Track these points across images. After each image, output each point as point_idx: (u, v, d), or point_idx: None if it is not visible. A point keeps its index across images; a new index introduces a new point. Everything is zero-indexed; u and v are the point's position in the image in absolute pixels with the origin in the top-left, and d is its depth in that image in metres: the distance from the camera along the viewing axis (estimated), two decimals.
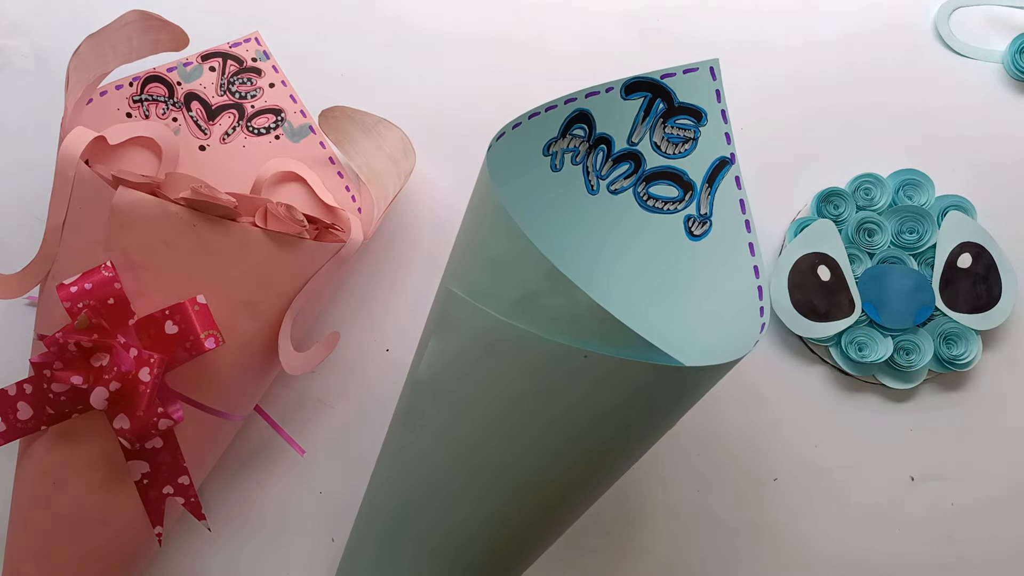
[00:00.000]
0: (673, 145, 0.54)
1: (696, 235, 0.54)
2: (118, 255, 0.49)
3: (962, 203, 0.61)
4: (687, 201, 0.54)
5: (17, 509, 0.52)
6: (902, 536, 0.60)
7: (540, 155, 0.53)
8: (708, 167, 0.53)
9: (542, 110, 0.50)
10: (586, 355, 0.41)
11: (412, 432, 0.49)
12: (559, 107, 0.51)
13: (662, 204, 0.55)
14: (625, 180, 0.55)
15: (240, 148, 0.60)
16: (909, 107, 0.64)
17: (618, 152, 0.54)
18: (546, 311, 0.42)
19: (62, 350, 0.47)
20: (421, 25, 0.64)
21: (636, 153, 0.55)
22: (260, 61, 0.62)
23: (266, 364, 0.53)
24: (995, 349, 0.61)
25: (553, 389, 0.43)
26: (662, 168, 0.54)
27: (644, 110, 0.53)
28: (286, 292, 0.52)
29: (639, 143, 0.54)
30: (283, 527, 0.59)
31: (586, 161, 0.54)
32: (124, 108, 0.60)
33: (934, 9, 0.65)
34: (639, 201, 0.55)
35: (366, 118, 0.58)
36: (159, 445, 0.50)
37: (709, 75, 0.53)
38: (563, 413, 0.44)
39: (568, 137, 0.53)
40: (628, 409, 0.44)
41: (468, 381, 0.45)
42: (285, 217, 0.52)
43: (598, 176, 0.55)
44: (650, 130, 0.54)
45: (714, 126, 0.53)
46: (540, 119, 0.51)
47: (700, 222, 0.54)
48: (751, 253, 0.51)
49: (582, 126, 0.53)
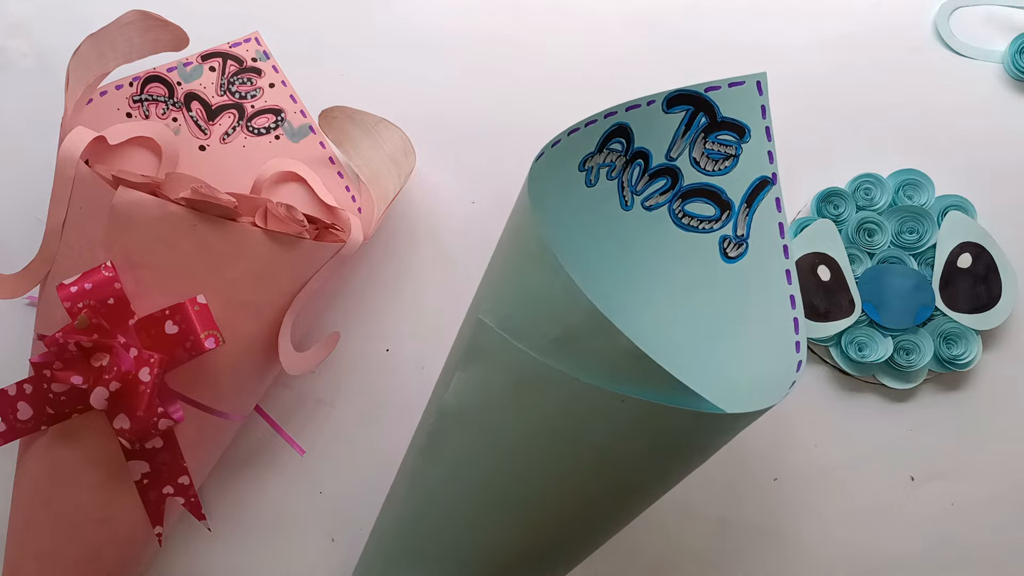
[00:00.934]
0: (713, 162, 0.52)
1: (731, 257, 0.52)
2: (118, 255, 0.49)
3: (962, 203, 0.61)
4: (724, 221, 0.52)
5: (17, 509, 0.52)
6: (902, 536, 0.60)
7: (575, 171, 0.51)
8: (748, 186, 0.51)
9: (582, 126, 0.48)
10: (623, 399, 0.40)
11: (435, 458, 0.48)
12: (599, 121, 0.49)
13: (698, 223, 0.53)
14: (661, 196, 0.53)
15: (240, 148, 0.60)
16: (909, 107, 0.64)
17: (655, 167, 0.52)
18: (583, 351, 0.41)
19: (62, 350, 0.47)
20: (421, 25, 0.64)
21: (674, 168, 0.53)
22: (260, 61, 0.62)
23: (266, 364, 0.53)
24: (995, 349, 0.61)
25: (585, 429, 0.42)
26: (700, 185, 0.52)
27: (685, 124, 0.51)
28: (286, 292, 0.52)
29: (678, 158, 0.52)
30: (283, 527, 0.59)
31: (622, 176, 0.52)
32: (124, 108, 0.60)
33: (934, 9, 0.65)
34: (674, 218, 0.53)
35: (366, 118, 0.58)
36: (159, 445, 0.50)
37: (755, 89, 0.51)
38: (593, 453, 0.43)
39: (605, 152, 0.51)
40: (659, 452, 0.43)
41: (497, 414, 0.44)
42: (285, 217, 0.52)
43: (633, 191, 0.53)
44: (690, 145, 0.52)
45: (757, 143, 0.51)
46: (579, 135, 0.49)
47: (736, 244, 0.52)
48: (787, 281, 0.49)
49: (620, 140, 0.51)
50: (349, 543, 0.58)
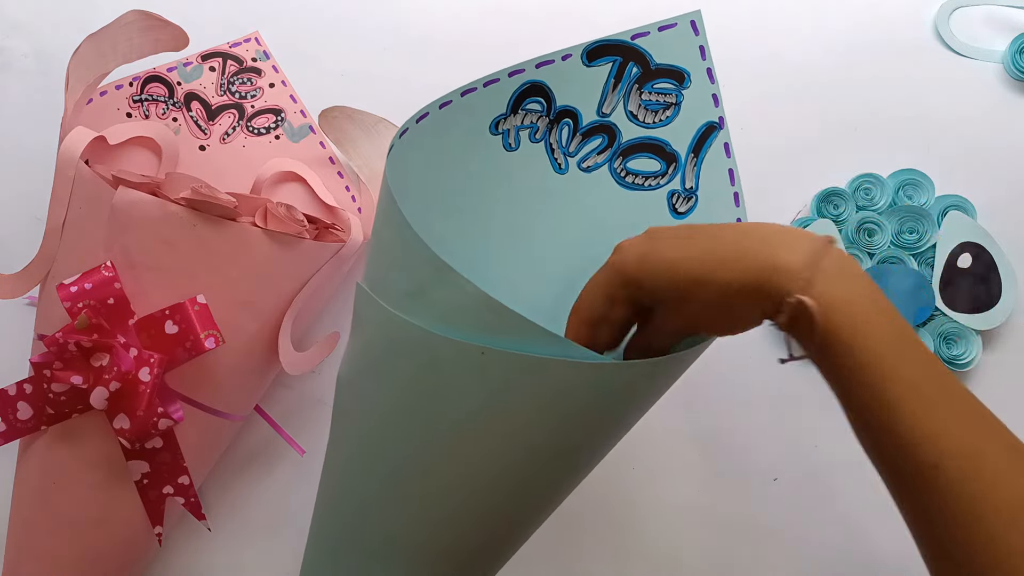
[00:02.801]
0: (652, 113, 0.48)
1: (681, 212, 0.48)
2: (118, 255, 0.49)
3: (962, 203, 0.61)
4: (670, 175, 0.48)
5: (17, 509, 0.52)
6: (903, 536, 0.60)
7: (487, 133, 0.47)
8: (694, 135, 0.47)
9: (479, 85, 0.45)
10: (483, 351, 0.37)
11: (338, 434, 0.46)
12: (502, 80, 0.46)
13: (643, 180, 0.49)
14: (599, 156, 0.49)
15: (240, 148, 0.60)
16: (909, 107, 0.64)
17: (587, 125, 0.49)
18: (438, 304, 0.38)
19: (62, 350, 0.47)
20: (421, 25, 0.64)
21: (609, 125, 0.48)
22: (260, 61, 0.62)
23: (266, 364, 0.53)
24: (995, 349, 0.61)
25: (455, 388, 0.39)
26: (641, 139, 0.49)
27: (614, 76, 0.48)
28: (286, 292, 0.52)
29: (611, 114, 0.48)
30: (283, 527, 0.59)
31: (548, 138, 0.49)
32: (124, 108, 0.60)
33: (934, 9, 0.65)
34: (616, 178, 0.49)
35: (366, 118, 0.58)
36: (159, 445, 0.50)
37: (690, 30, 0.47)
38: (470, 414, 0.39)
39: (521, 113, 0.47)
40: (549, 409, 0.39)
41: (376, 379, 0.42)
42: (285, 217, 0.52)
43: (565, 153, 0.49)
44: (624, 98, 0.48)
45: (699, 88, 0.47)
46: (479, 96, 0.45)
47: (685, 198, 0.48)
48: None
49: (538, 99, 0.47)
50: None
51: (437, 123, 0.44)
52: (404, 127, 0.43)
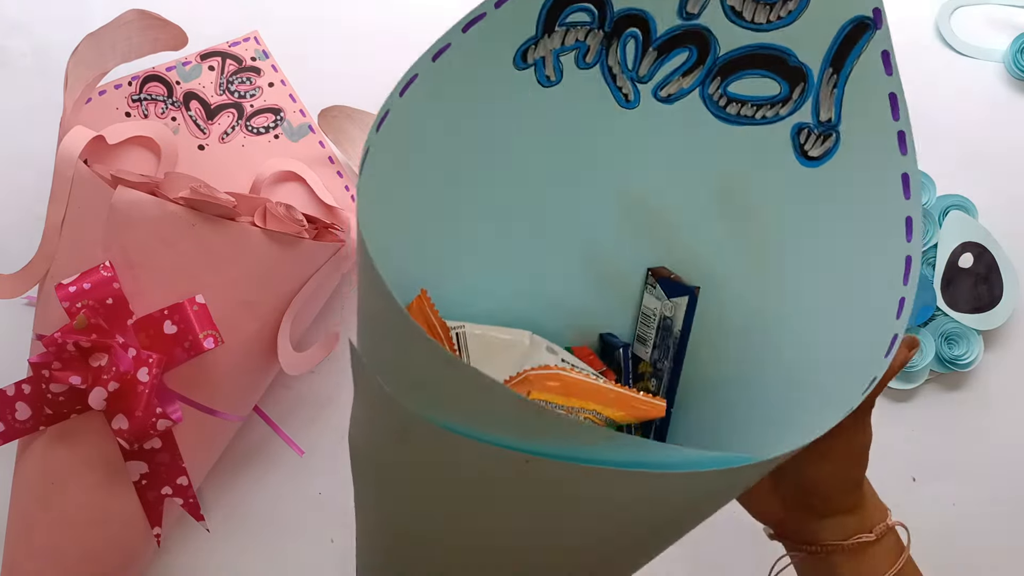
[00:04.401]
0: (766, 7, 0.32)
1: (813, 158, 0.33)
2: (117, 255, 0.49)
3: (963, 203, 0.61)
4: (797, 101, 0.33)
5: (16, 509, 0.51)
6: None
7: (512, 70, 0.33)
8: (832, 39, 0.32)
9: (489, 8, 0.31)
10: (528, 460, 0.26)
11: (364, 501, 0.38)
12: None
13: (753, 109, 0.34)
14: (684, 78, 0.35)
15: (239, 147, 0.60)
16: (910, 106, 0.64)
17: (664, 34, 0.33)
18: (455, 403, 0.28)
19: (61, 350, 0.47)
20: (421, 24, 0.64)
21: (699, 31, 0.33)
22: (259, 60, 0.62)
23: (265, 364, 0.53)
24: (996, 349, 0.61)
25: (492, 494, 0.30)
26: (749, 49, 0.33)
27: None
28: (285, 292, 0.52)
29: (700, 14, 0.33)
30: (282, 528, 0.58)
31: (606, 59, 0.34)
32: (123, 107, 0.59)
33: (935, 8, 0.65)
34: (712, 107, 0.35)
35: (365, 117, 0.58)
36: (158, 446, 0.50)
37: None
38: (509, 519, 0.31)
39: (561, 30, 0.33)
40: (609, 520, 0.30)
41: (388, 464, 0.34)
42: (284, 217, 0.52)
43: (633, 79, 0.35)
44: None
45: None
46: (488, 24, 0.31)
47: (821, 135, 0.33)
48: (905, 193, 0.30)
49: (585, 6, 0.32)
50: (348, 544, 0.58)
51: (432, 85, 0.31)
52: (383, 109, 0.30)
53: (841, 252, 0.32)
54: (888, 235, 0.30)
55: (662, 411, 0.34)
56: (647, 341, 0.41)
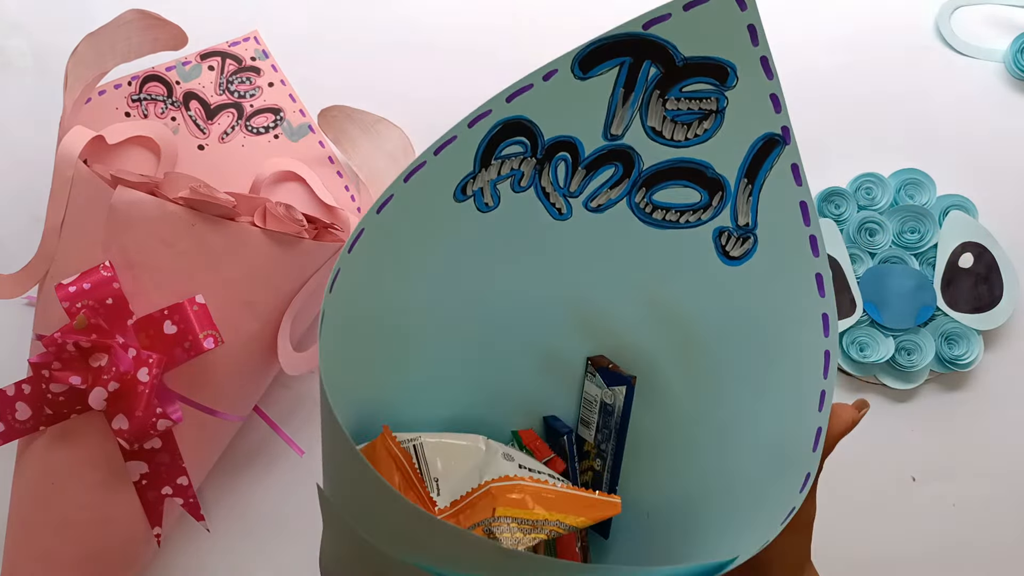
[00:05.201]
0: (684, 127, 0.35)
1: (734, 258, 0.36)
2: (117, 255, 0.49)
3: (963, 203, 0.61)
4: (716, 208, 0.36)
5: (16, 510, 0.51)
6: (903, 537, 0.60)
7: (452, 204, 0.36)
8: (746, 153, 0.35)
9: (429, 156, 0.34)
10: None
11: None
12: (460, 137, 0.34)
13: (677, 215, 0.37)
14: (612, 190, 0.37)
15: (239, 147, 0.60)
16: (910, 106, 0.64)
17: (591, 155, 0.36)
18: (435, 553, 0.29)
19: (60, 350, 0.47)
20: (421, 23, 0.64)
21: (623, 149, 0.36)
22: (259, 60, 0.62)
23: (265, 364, 0.53)
24: (996, 349, 0.61)
25: None
26: (670, 163, 0.36)
27: (624, 84, 0.34)
28: (285, 292, 0.52)
29: (624, 135, 0.36)
30: (282, 527, 0.58)
31: (539, 180, 0.37)
32: (123, 107, 0.59)
33: (935, 8, 0.65)
34: (639, 214, 0.37)
35: (365, 117, 0.58)
36: (158, 446, 0.50)
37: (733, 3, 0.32)
38: None
39: (496, 163, 0.36)
40: None
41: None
42: (284, 217, 0.52)
43: (564, 194, 0.37)
44: (640, 112, 0.35)
45: (751, 85, 0.34)
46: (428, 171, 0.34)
47: (740, 238, 0.36)
48: (820, 291, 0.32)
49: (519, 140, 0.35)
50: None
51: (377, 234, 0.34)
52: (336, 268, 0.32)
53: (763, 348, 0.35)
54: (807, 331, 0.32)
55: (618, 508, 0.37)
56: (590, 424, 0.44)
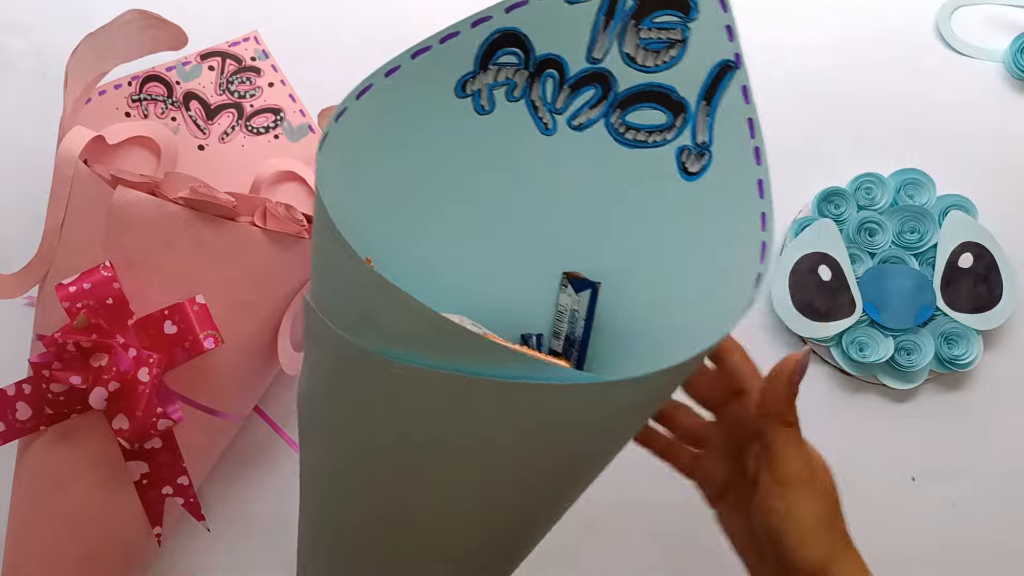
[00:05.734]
0: (653, 54, 0.40)
1: (691, 173, 0.41)
2: (117, 255, 0.49)
3: (963, 203, 0.61)
4: (679, 128, 0.41)
5: (16, 509, 0.51)
6: (903, 537, 0.60)
7: (452, 97, 0.40)
8: (705, 78, 0.40)
9: (435, 42, 0.38)
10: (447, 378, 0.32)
11: (304, 446, 0.43)
12: (463, 32, 0.38)
13: (645, 135, 0.42)
14: (592, 110, 0.42)
15: (239, 147, 0.60)
16: (910, 106, 0.64)
17: (576, 75, 0.41)
18: (392, 329, 0.33)
19: (61, 350, 0.47)
20: (421, 24, 0.64)
21: (602, 72, 0.41)
22: (259, 60, 0.62)
23: (265, 364, 0.53)
24: (996, 349, 0.61)
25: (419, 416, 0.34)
26: (641, 87, 0.41)
27: (605, 12, 0.40)
28: (285, 292, 0.52)
29: (604, 59, 0.41)
30: (282, 527, 0.58)
31: (529, 94, 0.41)
32: (123, 107, 0.59)
33: (935, 8, 0.65)
34: (614, 134, 0.43)
35: None
36: (158, 445, 0.50)
37: None
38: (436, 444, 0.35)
39: (493, 69, 0.40)
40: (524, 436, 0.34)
41: (334, 406, 0.38)
42: (284, 217, 0.52)
43: (551, 110, 0.42)
44: (618, 38, 0.40)
45: (709, 19, 0.39)
46: (434, 56, 0.38)
47: (697, 155, 0.41)
48: (759, 194, 0.38)
49: (513, 51, 0.40)
50: None
51: (384, 96, 0.38)
52: (341, 106, 0.36)
53: (714, 241, 0.41)
54: (748, 226, 0.38)
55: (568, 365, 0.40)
56: (560, 335, 0.48)
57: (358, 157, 0.39)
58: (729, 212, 0.39)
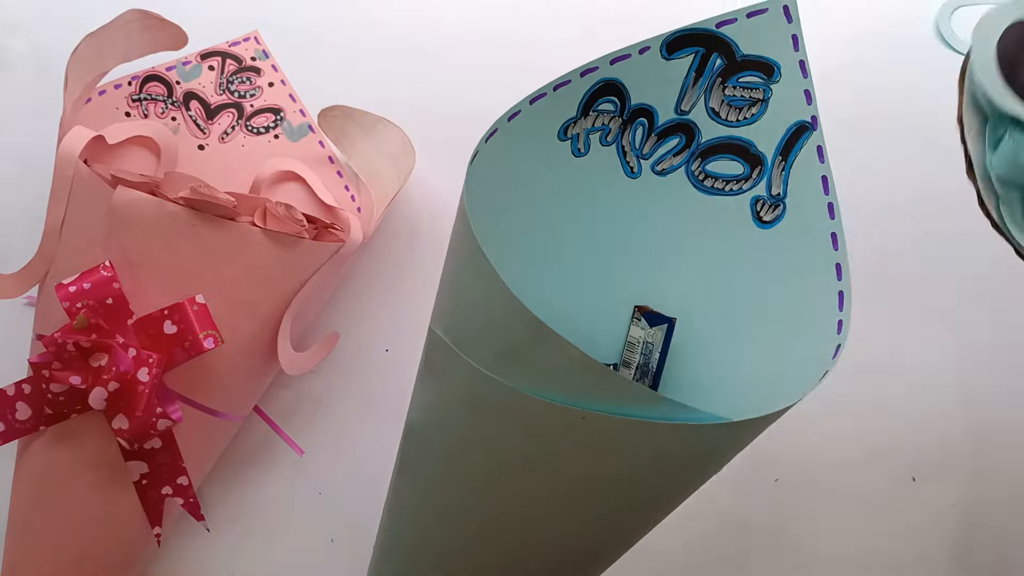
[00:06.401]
0: (736, 110, 0.44)
1: (766, 221, 0.44)
2: (117, 255, 0.49)
3: None
4: (755, 179, 0.44)
5: (15, 509, 0.51)
6: (903, 537, 0.60)
7: (555, 140, 0.44)
8: (782, 135, 0.43)
9: (549, 90, 0.42)
10: (584, 416, 0.34)
11: (408, 479, 0.45)
12: (574, 81, 0.42)
13: (723, 184, 0.45)
14: (675, 157, 0.45)
15: (239, 147, 0.60)
16: (910, 106, 0.64)
17: (663, 125, 0.45)
18: (535, 366, 0.35)
19: (60, 350, 0.47)
20: (421, 23, 0.64)
21: (688, 124, 0.45)
22: (259, 60, 0.62)
23: (265, 364, 0.53)
24: None
25: (550, 453, 0.37)
26: (723, 139, 0.44)
27: (695, 70, 0.43)
28: (285, 292, 0.52)
29: (691, 111, 0.44)
30: (282, 527, 0.58)
31: (620, 139, 0.45)
32: (123, 107, 0.59)
33: (935, 8, 0.65)
34: (693, 181, 0.46)
35: (365, 117, 0.58)
36: (158, 446, 0.50)
37: (783, 16, 0.43)
38: (566, 479, 0.37)
39: (593, 115, 0.44)
40: (647, 472, 0.38)
41: (456, 439, 0.40)
42: (284, 217, 0.52)
43: (638, 155, 0.46)
44: (705, 94, 0.44)
45: (790, 82, 0.43)
46: (548, 101, 0.42)
47: (771, 205, 0.44)
48: (834, 246, 0.41)
49: (611, 99, 0.44)
50: (349, 544, 0.58)
51: (506, 138, 0.41)
52: (476, 151, 0.40)
53: (787, 282, 0.43)
54: (824, 276, 0.41)
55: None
56: (631, 365, 0.50)
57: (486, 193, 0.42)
58: (804, 260, 0.42)
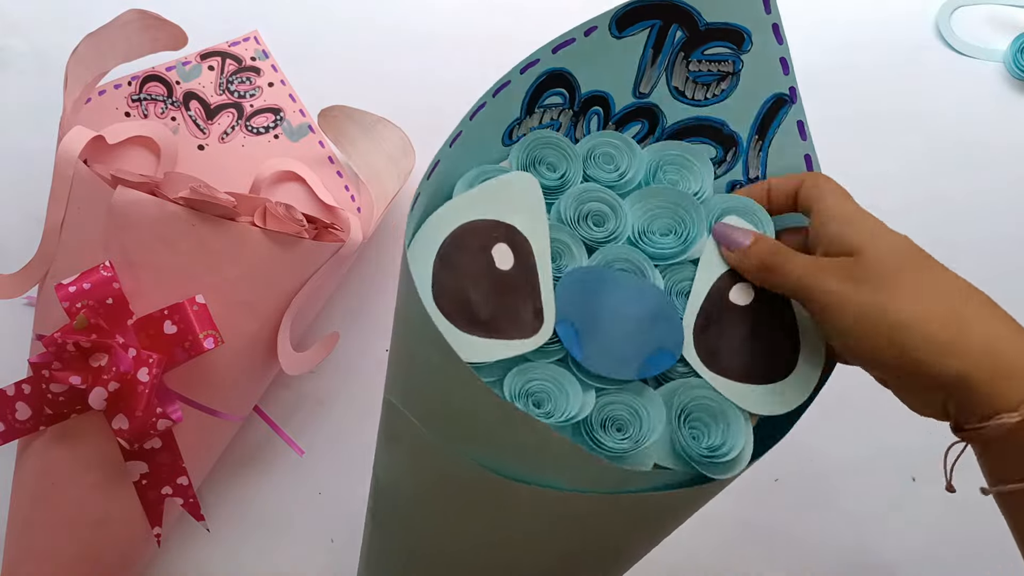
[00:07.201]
0: (703, 87, 0.39)
1: None
2: (117, 255, 0.49)
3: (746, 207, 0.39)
4: (730, 163, 0.39)
5: (16, 509, 0.51)
6: (903, 537, 0.60)
7: (500, 146, 0.39)
8: (757, 112, 0.38)
9: (488, 98, 0.36)
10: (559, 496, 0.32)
11: (378, 526, 0.44)
12: (513, 81, 0.37)
13: None
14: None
15: (239, 147, 0.60)
16: (910, 105, 0.64)
17: (621, 111, 0.39)
18: (502, 443, 0.32)
19: (61, 350, 0.47)
20: (421, 24, 0.64)
21: (650, 107, 0.39)
22: (259, 60, 0.62)
23: (265, 364, 0.53)
24: None
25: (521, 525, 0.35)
26: (690, 121, 0.39)
27: (652, 46, 0.38)
28: (285, 292, 0.52)
29: (651, 93, 0.39)
30: (282, 527, 0.58)
31: (574, 132, 0.40)
32: (123, 107, 0.59)
33: (935, 8, 0.65)
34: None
35: (365, 117, 0.58)
36: (158, 446, 0.50)
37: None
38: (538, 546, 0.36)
39: (539, 112, 0.39)
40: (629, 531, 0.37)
41: (423, 504, 0.38)
42: (284, 217, 0.52)
43: None
44: (666, 72, 0.38)
45: (763, 51, 0.37)
46: (488, 110, 0.37)
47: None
48: None
49: (559, 91, 0.38)
50: (348, 544, 0.58)
51: (447, 165, 0.37)
52: (417, 192, 0.34)
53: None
54: None
55: None
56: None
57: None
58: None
